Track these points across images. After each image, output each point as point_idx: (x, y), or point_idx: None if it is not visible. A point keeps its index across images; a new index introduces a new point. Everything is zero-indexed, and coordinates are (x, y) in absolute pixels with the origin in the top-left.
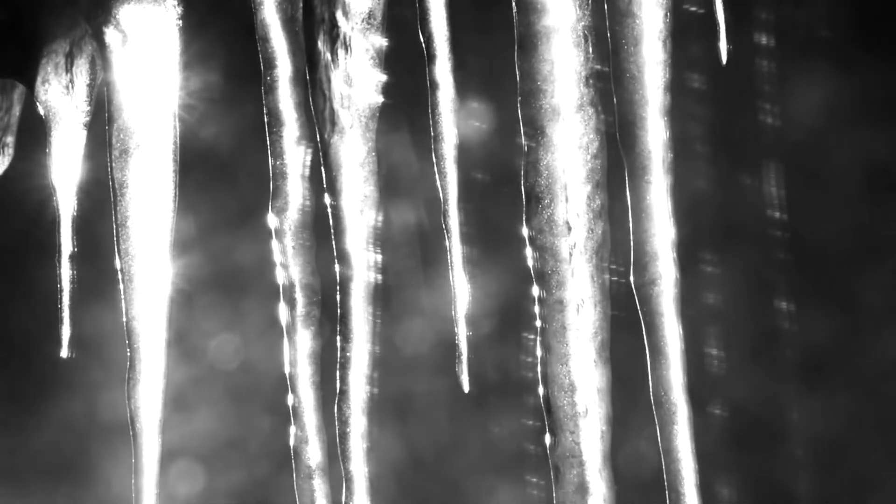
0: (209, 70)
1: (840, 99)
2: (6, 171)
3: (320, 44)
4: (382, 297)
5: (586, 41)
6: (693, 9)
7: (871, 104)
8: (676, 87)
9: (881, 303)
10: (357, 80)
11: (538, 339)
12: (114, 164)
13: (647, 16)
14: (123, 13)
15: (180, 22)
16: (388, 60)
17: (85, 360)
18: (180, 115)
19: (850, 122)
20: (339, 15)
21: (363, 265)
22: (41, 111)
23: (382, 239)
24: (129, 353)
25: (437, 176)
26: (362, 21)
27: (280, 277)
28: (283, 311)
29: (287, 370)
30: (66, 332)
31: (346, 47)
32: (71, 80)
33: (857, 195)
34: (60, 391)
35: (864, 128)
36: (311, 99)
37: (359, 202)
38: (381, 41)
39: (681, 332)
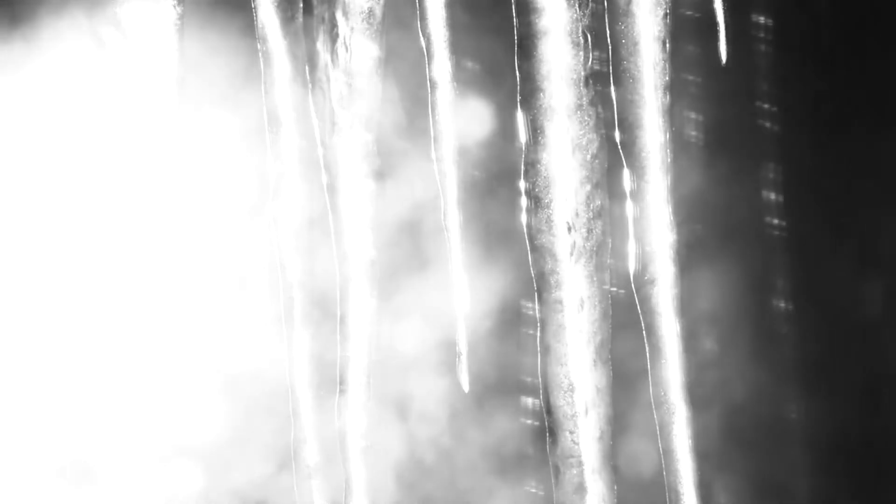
0: (209, 70)
1: (840, 99)
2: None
3: (320, 44)
4: (382, 295)
5: (586, 41)
6: (690, 12)
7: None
8: (676, 87)
9: (880, 303)
10: (357, 80)
11: (537, 338)
12: (117, 164)
13: (646, 16)
14: (123, 12)
15: (180, 22)
16: (388, 60)
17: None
18: (180, 115)
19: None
20: (338, 15)
21: (363, 265)
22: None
23: (382, 237)
24: (135, 353)
25: (436, 176)
26: (362, 21)
27: (280, 277)
28: (283, 311)
29: (287, 370)
30: (67, 331)
31: (346, 47)
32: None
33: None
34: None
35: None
36: (311, 99)
37: (358, 202)
38: (381, 41)
39: (679, 331)
